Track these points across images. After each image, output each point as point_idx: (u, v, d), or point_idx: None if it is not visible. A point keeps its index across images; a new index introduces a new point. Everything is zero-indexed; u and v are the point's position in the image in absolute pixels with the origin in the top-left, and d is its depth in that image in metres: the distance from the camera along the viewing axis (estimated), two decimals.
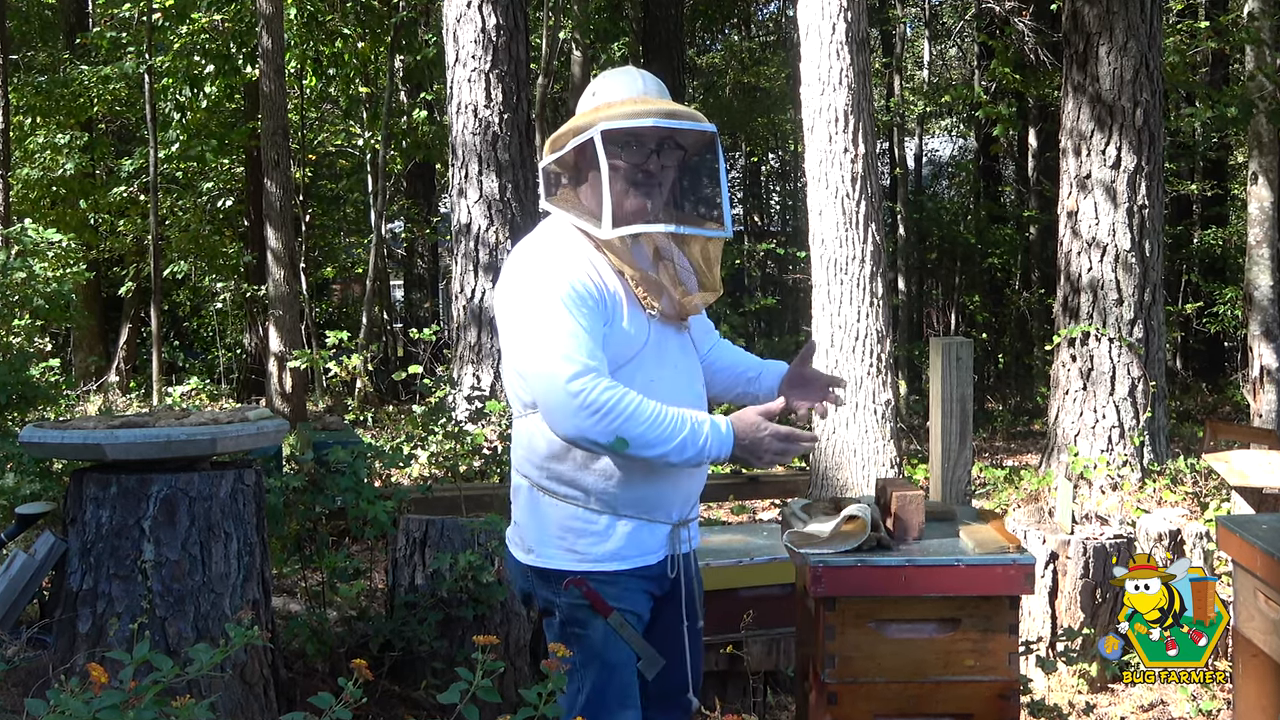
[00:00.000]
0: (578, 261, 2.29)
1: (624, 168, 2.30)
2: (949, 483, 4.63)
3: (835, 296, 6.88)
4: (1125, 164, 7.18)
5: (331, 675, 3.85)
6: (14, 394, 5.72)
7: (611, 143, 2.27)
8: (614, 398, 2.17)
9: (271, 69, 9.28)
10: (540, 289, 2.25)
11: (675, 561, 2.41)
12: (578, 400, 2.16)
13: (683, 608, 2.44)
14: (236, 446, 3.37)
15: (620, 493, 2.33)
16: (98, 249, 13.80)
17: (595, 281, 2.27)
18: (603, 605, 2.32)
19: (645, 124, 2.27)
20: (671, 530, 2.41)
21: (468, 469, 6.97)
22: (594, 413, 2.16)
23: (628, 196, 2.31)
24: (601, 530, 2.34)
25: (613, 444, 2.18)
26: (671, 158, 2.35)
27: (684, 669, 2.49)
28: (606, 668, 2.34)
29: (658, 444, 2.19)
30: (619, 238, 2.28)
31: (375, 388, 12.30)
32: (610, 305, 2.28)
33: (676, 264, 2.41)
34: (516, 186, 8.63)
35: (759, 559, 3.94)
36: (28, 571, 3.37)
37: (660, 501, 2.37)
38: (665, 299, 2.35)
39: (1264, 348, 9.07)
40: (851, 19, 6.86)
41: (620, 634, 2.33)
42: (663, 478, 2.35)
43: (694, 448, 2.22)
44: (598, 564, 2.34)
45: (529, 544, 2.42)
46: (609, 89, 2.39)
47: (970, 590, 2.60)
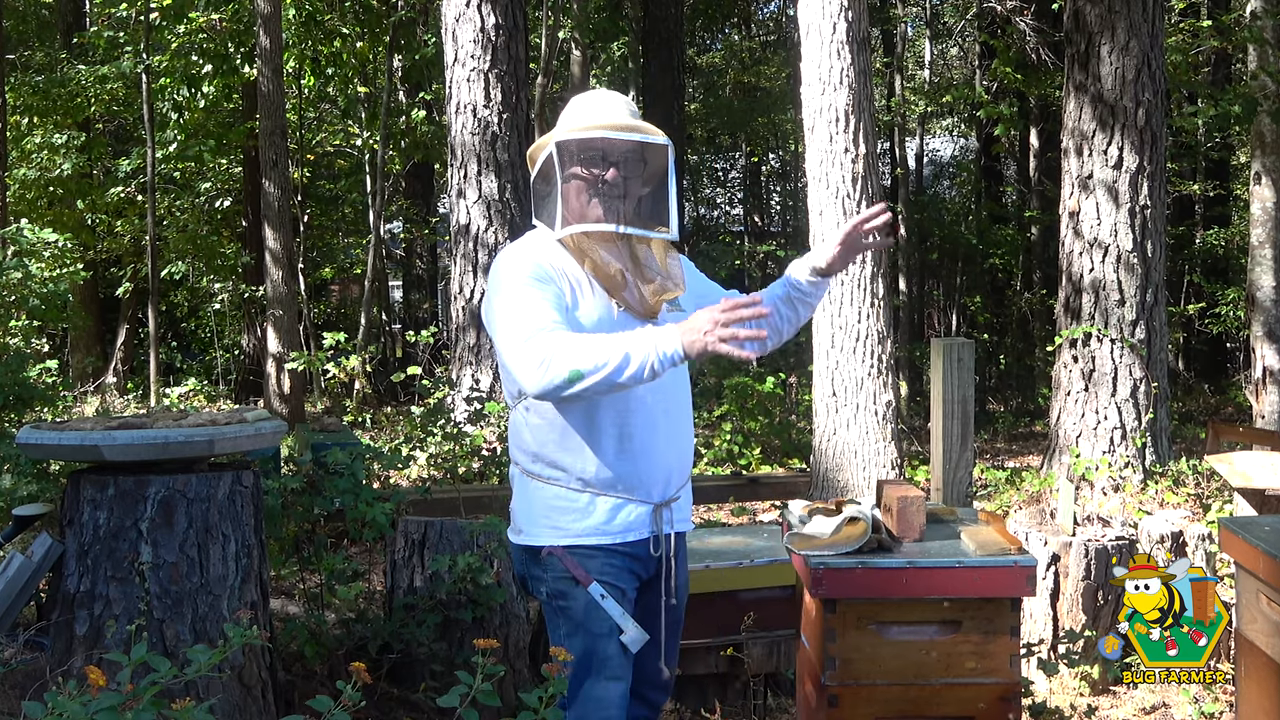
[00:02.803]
0: (541, 252, 2.50)
1: (586, 178, 2.51)
2: (950, 484, 4.63)
3: (836, 297, 6.86)
4: (1127, 164, 7.17)
5: (330, 678, 3.83)
6: (11, 395, 5.70)
7: (568, 155, 2.50)
8: (556, 340, 2.32)
9: (269, 69, 9.27)
10: (505, 279, 2.47)
11: (659, 541, 2.54)
12: (529, 357, 2.32)
13: (663, 586, 2.57)
14: (234, 448, 3.35)
15: (599, 471, 2.48)
16: (95, 249, 13.79)
17: (555, 267, 2.47)
18: (584, 576, 2.47)
19: (595, 136, 2.49)
20: (654, 510, 2.53)
21: (466, 470, 6.96)
22: (540, 362, 2.31)
23: (588, 204, 2.51)
24: (583, 507, 2.50)
25: (569, 380, 2.30)
26: (632, 169, 2.53)
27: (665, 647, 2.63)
28: (590, 637, 2.47)
29: (606, 364, 2.28)
30: (573, 238, 2.48)
31: (374, 389, 12.28)
32: (571, 290, 2.47)
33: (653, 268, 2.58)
34: (516, 187, 8.61)
35: (759, 561, 3.93)
36: (24, 573, 3.36)
37: (639, 481, 2.51)
38: (630, 294, 2.50)
39: (1266, 349, 9.05)
40: (852, 18, 6.85)
41: (602, 605, 2.46)
42: (638, 456, 2.49)
43: (638, 355, 2.29)
44: (579, 538, 2.49)
45: (519, 525, 2.60)
46: (576, 108, 2.63)
47: (971, 592, 2.59)
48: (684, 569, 2.72)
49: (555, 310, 2.40)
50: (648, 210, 2.57)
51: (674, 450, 2.57)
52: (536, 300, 2.40)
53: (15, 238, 8.04)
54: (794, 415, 9.54)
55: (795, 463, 8.49)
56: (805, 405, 9.16)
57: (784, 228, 21.42)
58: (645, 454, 2.50)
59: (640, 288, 2.52)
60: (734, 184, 22.17)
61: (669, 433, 2.55)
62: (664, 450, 2.54)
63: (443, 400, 7.81)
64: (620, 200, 2.51)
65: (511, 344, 2.38)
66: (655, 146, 2.53)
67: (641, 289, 2.52)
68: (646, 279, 2.53)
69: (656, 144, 2.53)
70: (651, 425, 2.51)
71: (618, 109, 2.59)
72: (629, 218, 2.51)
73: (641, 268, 2.54)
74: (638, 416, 2.49)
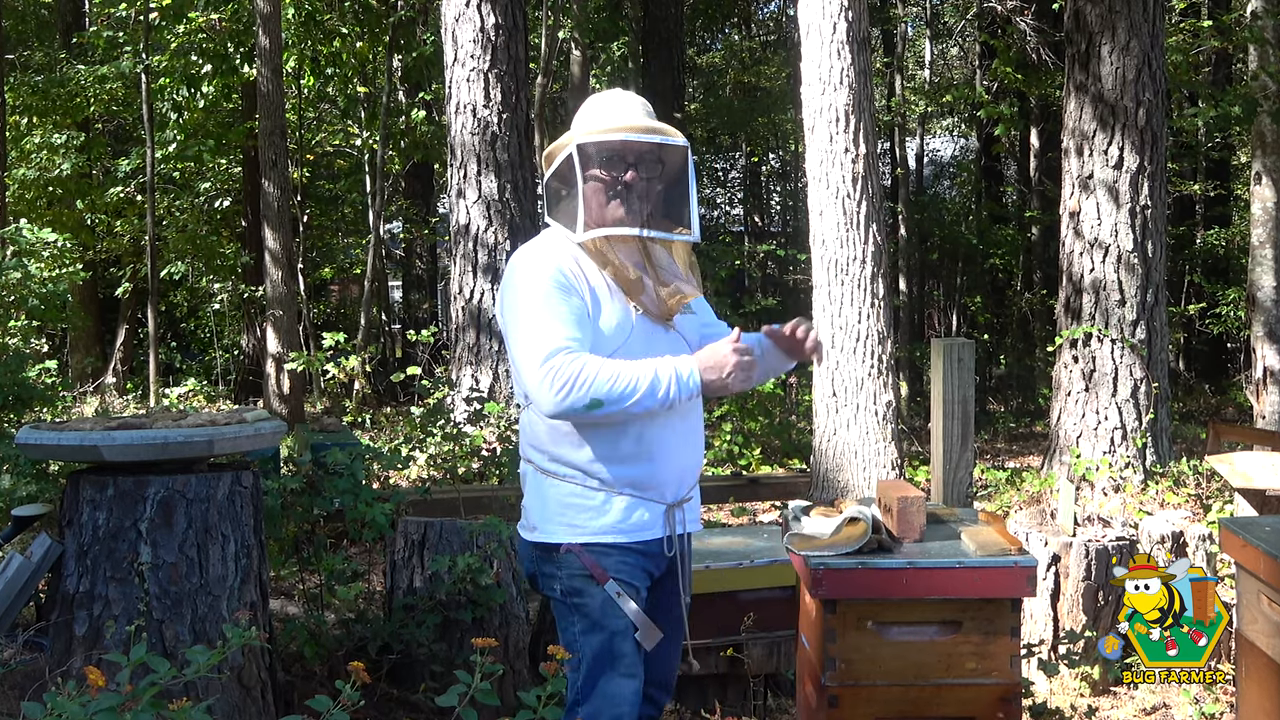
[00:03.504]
0: (562, 257, 2.50)
1: (606, 180, 2.52)
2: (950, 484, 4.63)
3: (836, 297, 6.85)
4: (1128, 164, 7.16)
5: (329, 678, 3.83)
6: (10, 395, 5.70)
7: (588, 157, 2.51)
8: (578, 367, 2.36)
9: (269, 68, 9.26)
10: (524, 284, 2.48)
11: (672, 542, 2.57)
12: (549, 379, 2.36)
13: (679, 584, 2.62)
14: (234, 448, 3.35)
15: (614, 471, 2.50)
16: (94, 249, 13.78)
17: (575, 273, 2.48)
18: (600, 573, 2.48)
19: (615, 138, 2.50)
20: (668, 510, 2.56)
21: (466, 471, 6.95)
22: (562, 386, 2.35)
23: (608, 206, 2.52)
24: (599, 505, 2.51)
25: (589, 407, 2.36)
26: (651, 170, 2.55)
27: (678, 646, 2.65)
28: (606, 634, 2.49)
29: (629, 395, 2.37)
30: (593, 242, 2.49)
31: (373, 389, 12.27)
32: (592, 295, 2.48)
33: (668, 269, 2.60)
34: (515, 187, 8.61)
35: (759, 561, 3.92)
36: (24, 574, 3.35)
37: (653, 481, 2.53)
38: (648, 297, 2.53)
39: (1267, 349, 9.05)
40: (852, 18, 6.84)
41: (618, 602, 2.48)
42: (653, 457, 2.51)
43: (661, 389, 2.39)
44: (596, 536, 2.51)
45: (533, 522, 2.59)
46: (593, 109, 2.64)
47: (972, 593, 2.59)
48: (689, 571, 2.74)
49: (576, 326, 2.42)
50: (668, 212, 2.58)
51: (687, 451, 2.60)
52: (558, 313, 2.41)
53: (15, 238, 8.04)
54: (794, 415, 9.54)
55: (795, 463, 8.48)
56: (805, 405, 9.16)
57: (784, 228, 21.41)
58: (661, 455, 2.52)
59: (656, 290, 2.54)
60: (734, 184, 22.15)
61: (683, 434, 2.57)
62: (678, 451, 2.56)
63: (442, 400, 7.80)
64: (641, 202, 2.53)
65: (529, 360, 2.39)
66: (674, 148, 2.56)
67: (658, 292, 2.54)
68: (662, 281, 2.56)
69: (675, 145, 2.55)
70: (668, 426, 2.53)
71: (635, 110, 2.60)
72: (650, 220, 2.53)
73: (657, 270, 2.57)
74: (655, 418, 2.50)
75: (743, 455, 8.47)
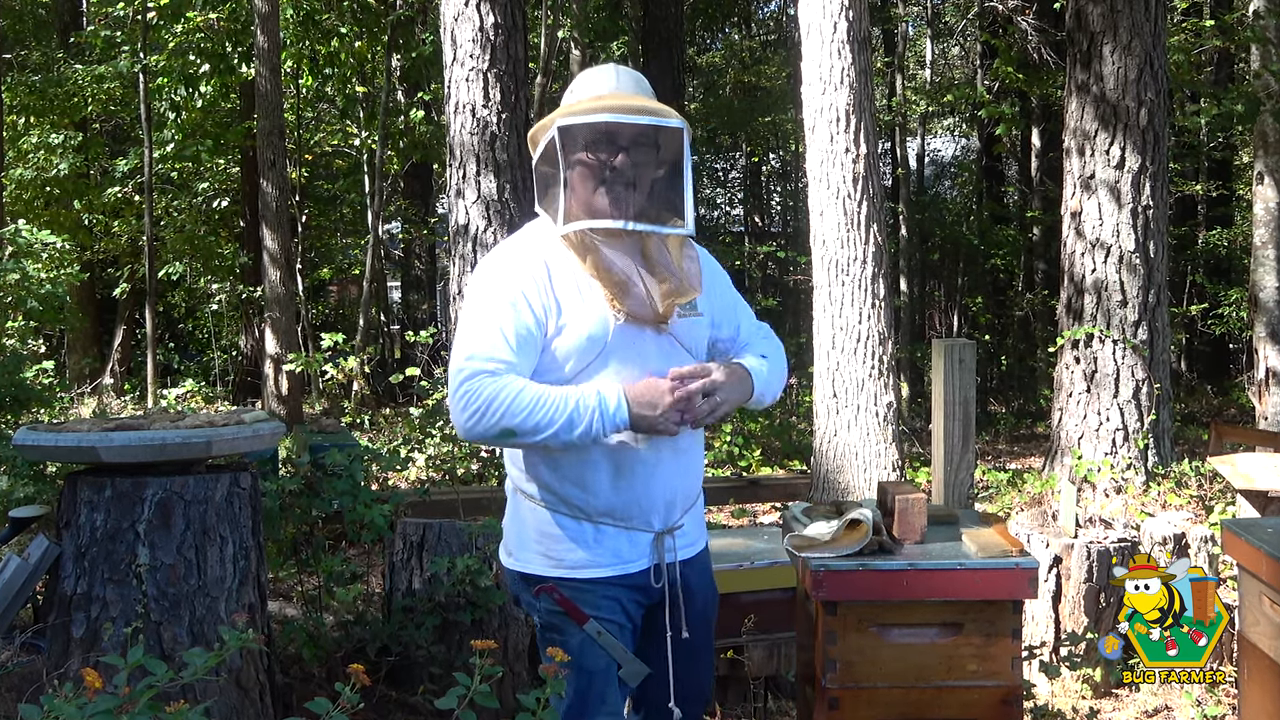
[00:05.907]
0: (531, 263, 2.27)
1: (592, 165, 2.25)
2: (951, 486, 4.61)
3: (837, 298, 6.84)
4: (1129, 164, 7.15)
5: (328, 680, 3.82)
6: (7, 396, 5.69)
7: (572, 139, 2.24)
8: (493, 393, 2.15)
9: (267, 68, 9.25)
10: (478, 290, 2.28)
11: (661, 571, 2.35)
12: (462, 401, 2.17)
13: (680, 614, 2.38)
14: (232, 449, 3.33)
15: (593, 500, 2.29)
16: (92, 250, 13.78)
17: (540, 283, 2.24)
18: (578, 614, 2.28)
19: (600, 119, 2.21)
20: (655, 538, 2.34)
21: (465, 472, 6.94)
22: (474, 413, 2.16)
23: (593, 195, 2.26)
24: (577, 537, 2.30)
25: (500, 436, 2.18)
26: (643, 155, 2.27)
27: (702, 661, 2.46)
28: (585, 674, 2.28)
29: (543, 429, 2.16)
30: (576, 235, 2.24)
31: (372, 390, 12.27)
32: (557, 309, 2.24)
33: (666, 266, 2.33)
34: (515, 187, 8.59)
35: (760, 563, 3.92)
36: (21, 575, 3.34)
37: (635, 510, 2.31)
38: (635, 300, 2.25)
39: (1269, 349, 9.04)
40: (853, 18, 6.83)
41: (598, 641, 2.28)
42: (635, 484, 2.29)
43: (581, 425, 2.16)
44: (573, 570, 2.30)
45: (510, 546, 2.42)
46: (582, 85, 2.37)
47: (973, 594, 2.57)
48: (702, 596, 2.49)
49: (514, 348, 2.19)
50: (660, 202, 2.28)
51: (678, 474, 2.35)
52: (498, 327, 2.19)
53: (12, 238, 8.02)
54: (794, 417, 9.54)
55: (796, 464, 8.47)
56: (806, 407, 9.15)
57: (784, 228, 21.41)
58: (645, 481, 2.29)
59: (651, 288, 2.27)
60: (734, 184, 22.15)
61: (673, 456, 2.33)
62: (666, 475, 2.32)
63: (441, 401, 7.79)
64: (629, 190, 2.24)
65: (452, 376, 2.21)
66: (669, 130, 2.25)
67: (652, 289, 2.27)
68: (660, 278, 2.28)
69: (670, 127, 2.24)
70: (654, 449, 2.29)
71: (627, 87, 2.32)
72: (639, 210, 2.25)
73: (654, 265, 2.30)
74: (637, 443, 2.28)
75: (743, 456, 8.46)
